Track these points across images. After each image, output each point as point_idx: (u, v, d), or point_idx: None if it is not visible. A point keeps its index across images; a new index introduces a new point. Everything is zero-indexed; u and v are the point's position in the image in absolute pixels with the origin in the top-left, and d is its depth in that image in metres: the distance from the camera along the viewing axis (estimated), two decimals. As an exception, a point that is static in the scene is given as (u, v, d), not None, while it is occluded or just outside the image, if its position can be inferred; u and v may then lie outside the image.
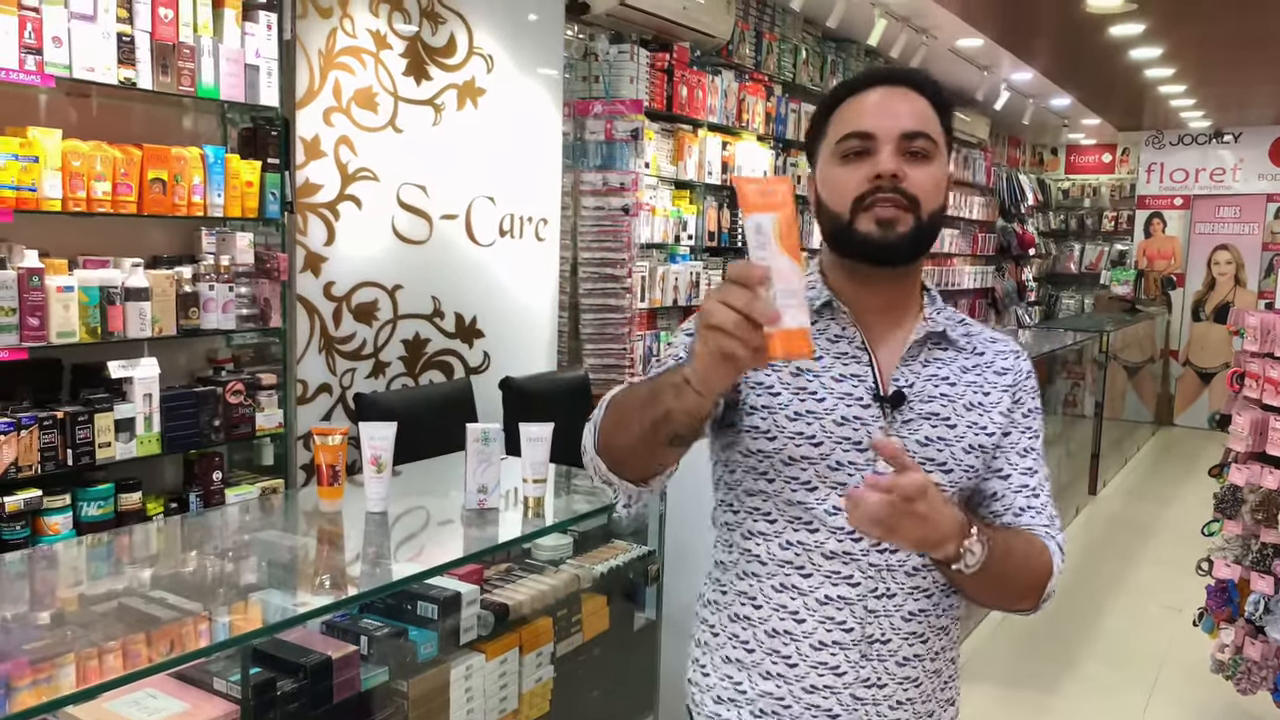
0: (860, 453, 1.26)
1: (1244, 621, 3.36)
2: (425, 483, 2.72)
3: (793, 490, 1.28)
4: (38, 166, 2.55)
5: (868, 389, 1.28)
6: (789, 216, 1.00)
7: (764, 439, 1.28)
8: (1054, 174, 11.57)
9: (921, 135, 1.26)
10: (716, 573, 1.42)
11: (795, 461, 1.27)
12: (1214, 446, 5.27)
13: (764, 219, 0.99)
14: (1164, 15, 5.40)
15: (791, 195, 1.01)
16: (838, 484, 1.26)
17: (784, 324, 0.95)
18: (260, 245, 3.16)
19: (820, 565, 1.28)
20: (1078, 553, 5.85)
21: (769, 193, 1.01)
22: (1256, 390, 3.29)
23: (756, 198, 1.01)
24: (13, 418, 2.54)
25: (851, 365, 1.29)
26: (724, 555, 1.40)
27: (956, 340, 1.35)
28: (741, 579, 1.35)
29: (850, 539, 1.27)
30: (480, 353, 4.11)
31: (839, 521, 1.26)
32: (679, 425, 1.10)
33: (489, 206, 4.05)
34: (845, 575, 1.27)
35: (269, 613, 1.81)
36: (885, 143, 1.24)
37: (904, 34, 5.93)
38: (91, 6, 2.63)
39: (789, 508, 1.29)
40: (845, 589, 1.27)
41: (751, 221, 1.00)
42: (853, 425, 1.26)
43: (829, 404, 1.27)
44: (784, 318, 0.95)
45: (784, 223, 0.99)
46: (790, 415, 1.27)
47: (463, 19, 3.88)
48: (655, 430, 1.12)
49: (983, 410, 1.32)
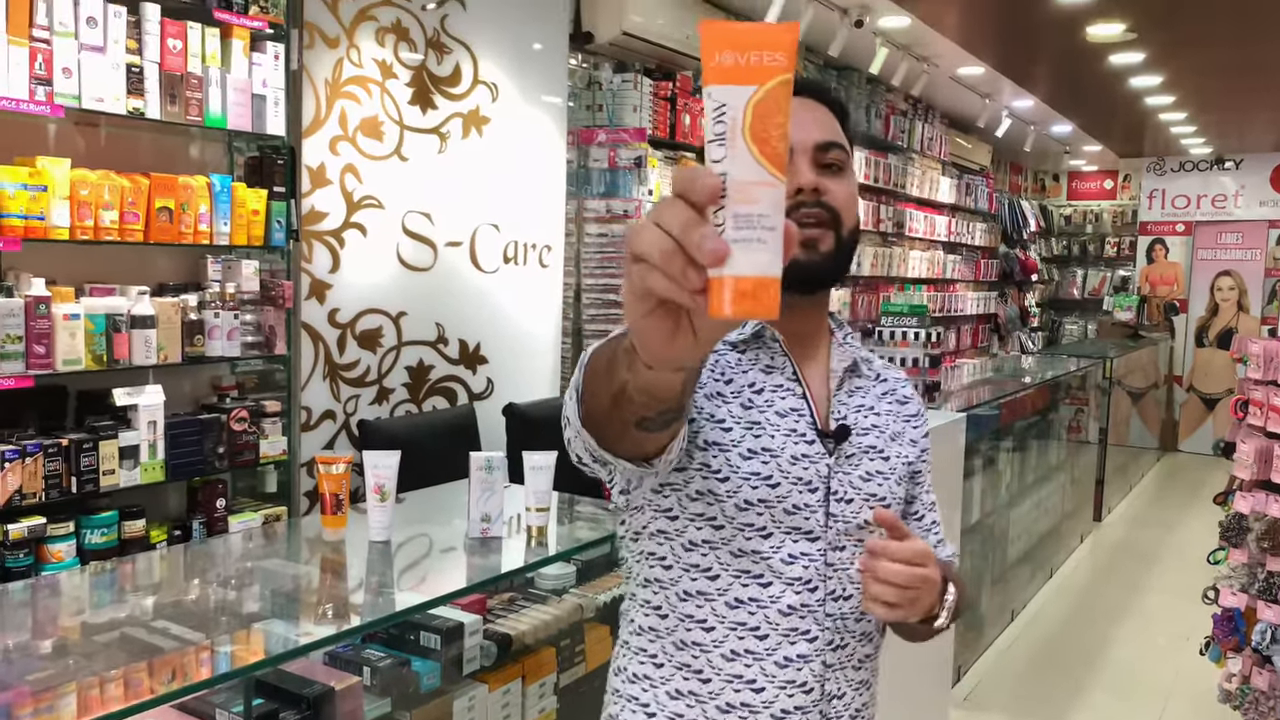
0: (811, 493, 1.16)
1: (1251, 651, 3.33)
2: (428, 510, 2.72)
3: (745, 538, 1.14)
4: (46, 195, 2.57)
5: (809, 424, 1.19)
6: (775, 97, 0.65)
7: (715, 479, 1.13)
8: (1056, 200, 11.61)
9: (835, 146, 1.19)
10: (640, 641, 1.22)
11: (750, 506, 1.14)
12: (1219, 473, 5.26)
13: (732, 95, 0.65)
14: (1163, 44, 5.44)
15: (791, 58, 0.65)
16: (793, 529, 1.15)
17: (736, 266, 0.63)
18: (265, 273, 3.17)
19: (777, 623, 1.15)
20: (1083, 579, 5.83)
21: (748, 49, 0.65)
22: (1261, 418, 3.29)
23: (726, 55, 0.65)
24: (18, 445, 2.55)
25: (789, 399, 1.19)
26: (652, 620, 1.20)
27: (863, 368, 1.29)
28: (682, 649, 1.18)
29: (807, 589, 1.16)
30: (484, 379, 4.12)
31: (795, 572, 1.15)
32: (640, 406, 0.87)
33: (493, 233, 4.07)
34: (803, 631, 1.16)
35: (272, 643, 1.80)
36: (800, 155, 1.17)
37: (905, 62, 5.97)
38: (102, 38, 2.66)
39: (735, 560, 1.15)
40: (804, 645, 1.16)
41: (712, 97, 0.65)
42: (802, 465, 1.16)
43: (779, 441, 1.16)
44: (737, 255, 0.63)
45: (763, 105, 0.65)
46: (744, 454, 1.14)
47: (468, 49, 3.91)
48: (617, 408, 0.90)
49: (902, 440, 1.28)
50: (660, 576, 1.19)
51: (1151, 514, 7.55)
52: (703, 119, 0.67)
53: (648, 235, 0.65)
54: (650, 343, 0.70)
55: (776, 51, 0.64)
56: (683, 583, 1.17)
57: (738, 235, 0.64)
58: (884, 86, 6.88)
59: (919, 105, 7.69)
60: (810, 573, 1.16)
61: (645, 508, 1.19)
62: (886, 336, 4.03)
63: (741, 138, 0.64)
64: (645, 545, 1.20)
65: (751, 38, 0.64)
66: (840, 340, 1.27)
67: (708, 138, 0.65)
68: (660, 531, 1.18)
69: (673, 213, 0.64)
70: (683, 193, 0.65)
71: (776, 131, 0.64)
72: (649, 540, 1.19)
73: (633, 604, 1.24)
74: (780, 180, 0.65)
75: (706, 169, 0.65)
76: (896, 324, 4.02)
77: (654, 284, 0.65)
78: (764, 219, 0.64)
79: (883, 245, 7.36)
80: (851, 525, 1.18)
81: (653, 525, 1.18)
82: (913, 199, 7.79)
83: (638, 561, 1.22)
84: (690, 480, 1.14)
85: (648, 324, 0.69)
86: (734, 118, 0.64)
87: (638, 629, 1.22)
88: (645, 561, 1.20)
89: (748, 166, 0.64)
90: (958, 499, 3.67)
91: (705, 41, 0.65)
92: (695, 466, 1.14)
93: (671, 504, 1.16)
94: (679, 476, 1.14)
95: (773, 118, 0.64)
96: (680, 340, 0.69)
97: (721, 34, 0.65)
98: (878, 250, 7.21)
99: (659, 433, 0.94)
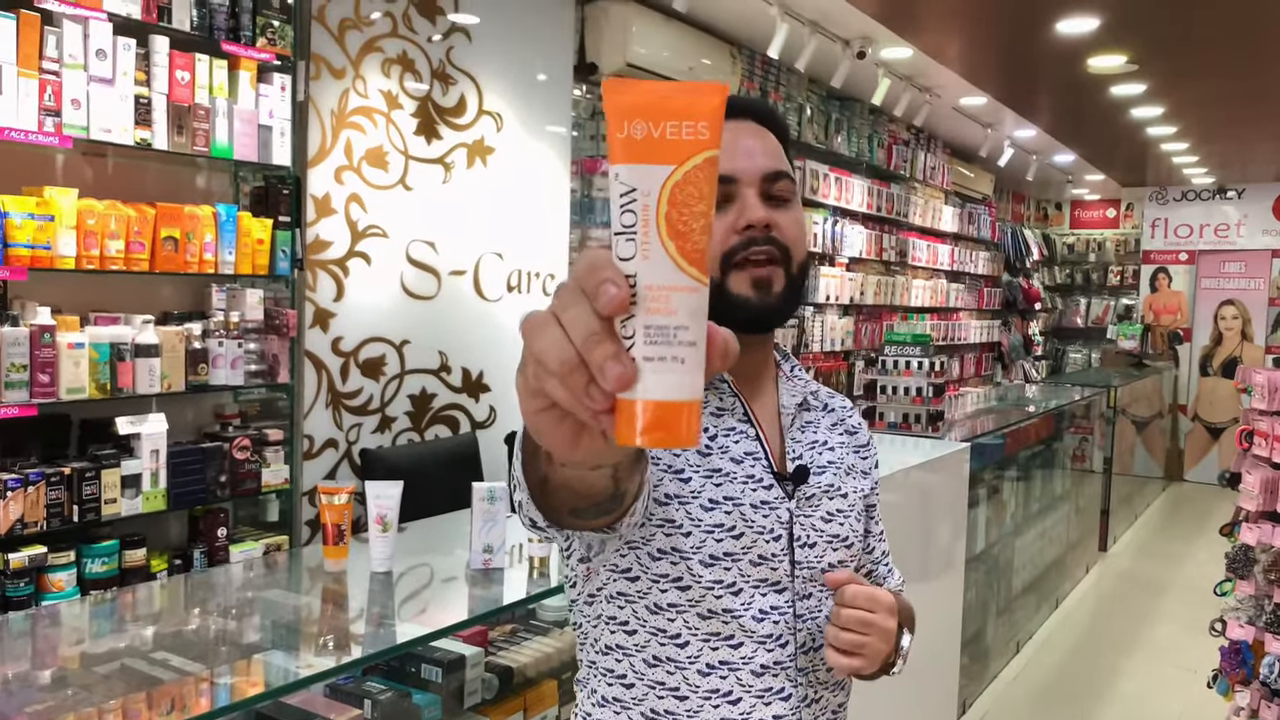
0: (775, 541, 1.10)
1: (1259, 684, 3.30)
2: (430, 540, 2.71)
3: (715, 597, 1.06)
4: (53, 225, 2.58)
5: (765, 468, 1.12)
6: (696, 179, 0.53)
7: (679, 535, 1.05)
8: (1059, 229, 11.64)
9: (783, 175, 1.12)
10: (604, 713, 1.13)
11: (717, 561, 1.06)
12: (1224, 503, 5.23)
13: (643, 177, 0.53)
14: (1164, 76, 5.47)
15: (717, 128, 0.53)
16: (760, 581, 1.09)
17: (647, 389, 0.53)
18: (270, 301, 3.18)
19: (750, 685, 1.09)
20: (1090, 610, 5.78)
21: (664, 118, 0.52)
22: (1266, 449, 3.27)
23: (637, 126, 0.53)
24: (20, 474, 2.55)
25: (743, 442, 1.12)
26: (617, 690, 1.11)
27: (811, 400, 1.22)
28: (654, 718, 1.10)
29: (779, 646, 1.10)
30: (486, 407, 4.12)
31: (767, 629, 1.09)
32: (567, 498, 0.78)
33: (497, 262, 4.09)
34: (777, 690, 1.10)
35: (272, 675, 1.79)
36: (747, 186, 1.09)
37: (907, 93, 6.01)
38: (111, 70, 2.69)
39: (704, 622, 1.07)
40: (779, 705, 1.10)
41: (620, 179, 0.54)
42: (763, 512, 1.09)
43: (738, 488, 1.09)
44: (648, 377, 0.53)
45: (682, 190, 0.53)
46: (705, 504, 1.07)
47: (473, 80, 3.95)
48: (545, 496, 0.81)
49: (857, 473, 1.23)
50: (624, 643, 1.10)
51: (1157, 544, 7.50)
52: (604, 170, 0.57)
53: (548, 336, 0.53)
54: (552, 444, 0.58)
55: (699, 121, 0.52)
56: (650, 648, 1.08)
57: (650, 352, 0.53)
58: (886, 117, 6.92)
59: (921, 135, 7.73)
60: (781, 627, 1.10)
61: (600, 569, 1.10)
62: (890, 366, 4.03)
63: (656, 233, 0.53)
64: (603, 609, 1.11)
65: (668, 105, 0.52)
66: (788, 374, 1.21)
67: (614, 229, 0.54)
68: (620, 594, 1.09)
69: (575, 315, 0.53)
70: (587, 293, 0.53)
71: (699, 223, 0.53)
72: (607, 604, 1.10)
73: (592, 672, 1.15)
74: (702, 284, 0.53)
75: (613, 265, 0.53)
76: (900, 353, 4.02)
77: (553, 393, 0.54)
78: (681, 332, 0.53)
79: (885, 274, 7.37)
80: (816, 570, 1.13)
81: (610, 587, 1.09)
82: (915, 228, 7.81)
83: (594, 626, 1.13)
84: (651, 538, 1.06)
85: (544, 421, 0.57)
86: (646, 205, 0.52)
87: (600, 700, 1.13)
88: (606, 627, 1.11)
89: (662, 269, 0.53)
90: (962, 528, 3.66)
91: (611, 107, 0.53)
92: (656, 523, 1.05)
93: (630, 564, 1.07)
94: (638, 534, 1.06)
95: (694, 205, 0.53)
96: (587, 443, 0.57)
97: (631, 97, 0.53)
98: (881, 279, 7.22)
99: (598, 519, 0.84)
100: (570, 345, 0.53)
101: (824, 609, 1.14)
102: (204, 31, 2.92)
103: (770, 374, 1.20)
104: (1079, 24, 4.46)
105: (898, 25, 4.84)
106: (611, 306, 0.52)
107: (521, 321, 0.56)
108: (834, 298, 6.51)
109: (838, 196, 6.44)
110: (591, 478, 0.71)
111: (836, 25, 5.00)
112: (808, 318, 6.27)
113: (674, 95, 0.53)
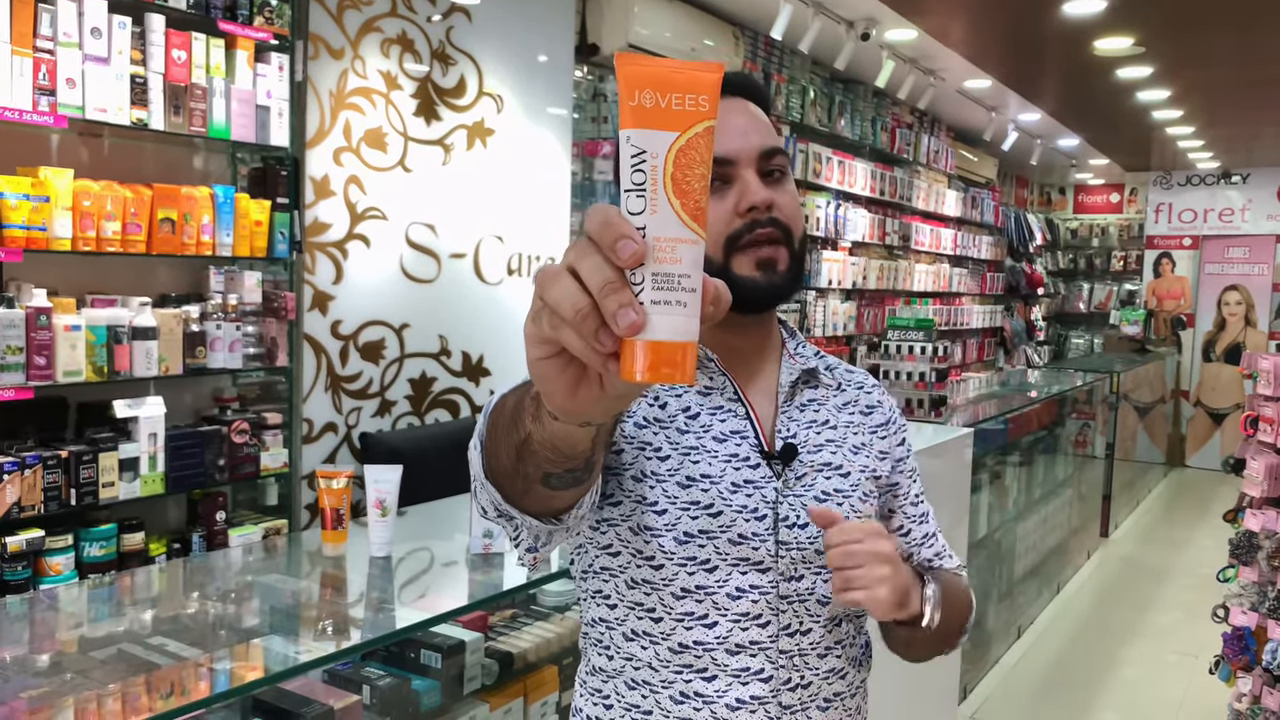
0: (759, 521, 1.08)
1: (1262, 670, 3.29)
2: (430, 525, 2.70)
3: (689, 573, 1.07)
4: (48, 206, 2.56)
5: (752, 446, 1.11)
6: (697, 145, 0.61)
7: (652, 513, 1.07)
8: (1062, 214, 11.59)
9: (778, 151, 1.12)
10: (595, 681, 1.16)
11: (691, 539, 1.06)
12: (1226, 489, 5.22)
13: (652, 141, 0.60)
14: (1172, 58, 5.42)
15: (715, 102, 0.61)
16: (740, 560, 1.08)
17: (653, 330, 0.59)
18: (268, 284, 3.16)
19: (726, 664, 1.08)
20: (1091, 595, 5.78)
21: (670, 91, 0.60)
22: (1271, 434, 3.25)
23: (647, 95, 0.60)
24: (17, 457, 2.53)
25: (730, 420, 1.12)
26: (602, 660, 1.15)
27: (823, 377, 1.20)
28: (632, 688, 1.12)
29: (756, 625, 1.08)
30: (487, 391, 4.10)
31: (743, 607, 1.08)
32: (545, 462, 0.79)
33: (497, 245, 4.06)
34: (755, 670, 1.09)
35: (270, 660, 1.78)
36: (745, 167, 1.09)
37: (912, 75, 5.97)
38: (106, 49, 2.65)
39: (678, 601, 1.08)
40: (757, 687, 1.09)
41: (631, 142, 0.61)
42: (746, 491, 1.08)
43: (718, 467, 1.09)
44: (654, 319, 0.59)
45: (685, 154, 0.60)
46: (681, 482, 1.07)
47: (473, 60, 3.91)
48: (521, 461, 0.82)
49: (867, 452, 1.19)
50: (606, 616, 1.13)
51: (1159, 530, 7.50)
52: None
53: (563, 286, 0.59)
54: (552, 390, 0.64)
55: (700, 94, 0.60)
56: (629, 622, 1.11)
57: (657, 297, 0.59)
58: (890, 99, 6.87)
59: (925, 118, 7.68)
60: (760, 607, 1.09)
61: (588, 546, 1.13)
62: (893, 350, 4.00)
63: (663, 190, 0.60)
64: (592, 584, 1.15)
65: (674, 78, 0.60)
66: (792, 351, 1.19)
67: (624, 186, 0.61)
68: (605, 569, 1.12)
69: (591, 266, 0.59)
70: (600, 238, 0.59)
71: (699, 184, 0.61)
72: (594, 579, 1.14)
73: (585, 642, 1.19)
74: (702, 238, 0.61)
75: (625, 220, 0.59)
76: (902, 338, 3.99)
77: (564, 339, 0.60)
78: (684, 279, 0.60)
79: (888, 259, 7.34)
80: (809, 551, 1.10)
81: (596, 563, 1.13)
82: (919, 212, 7.78)
83: (586, 600, 1.17)
84: (629, 515, 1.08)
85: (548, 368, 0.63)
86: (655, 166, 0.60)
87: (592, 669, 1.17)
88: (593, 600, 1.15)
89: (670, 222, 0.60)
90: (964, 514, 3.64)
91: (623, 77, 0.60)
92: (632, 501, 1.07)
93: (610, 540, 1.10)
94: (616, 512, 1.08)
95: (695, 169, 0.60)
96: (585, 392, 0.63)
97: (642, 71, 0.60)
98: (883, 263, 7.19)
99: (565, 491, 0.86)
100: (584, 294, 0.58)
101: (817, 592, 1.11)
102: (200, 10, 2.88)
103: (773, 353, 1.19)
104: (1086, 5, 4.41)
105: (902, 6, 4.79)
106: (632, 260, 0.58)
107: (535, 273, 0.62)
108: (836, 282, 6.48)
109: (840, 180, 6.40)
110: (577, 435, 0.74)
111: (840, 6, 4.95)
112: (810, 302, 6.24)
113: (679, 70, 0.61)
